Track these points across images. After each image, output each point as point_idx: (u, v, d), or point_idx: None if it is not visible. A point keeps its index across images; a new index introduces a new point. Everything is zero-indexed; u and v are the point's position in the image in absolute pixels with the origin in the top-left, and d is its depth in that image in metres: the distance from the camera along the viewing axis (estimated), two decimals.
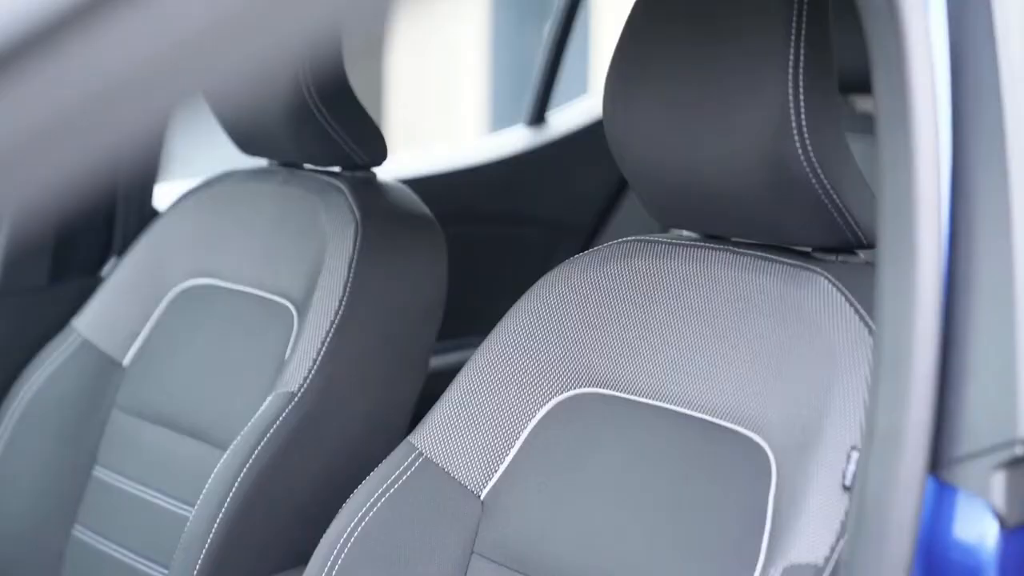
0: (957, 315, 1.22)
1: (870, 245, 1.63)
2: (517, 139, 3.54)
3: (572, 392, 1.77)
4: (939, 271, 1.19)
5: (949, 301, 1.21)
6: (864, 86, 1.91)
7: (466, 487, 1.79)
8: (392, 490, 1.79)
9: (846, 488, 1.44)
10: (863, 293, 1.57)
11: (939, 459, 1.19)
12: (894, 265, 1.20)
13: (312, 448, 2.13)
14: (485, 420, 1.80)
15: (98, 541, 2.37)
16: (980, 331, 1.21)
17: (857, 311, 1.56)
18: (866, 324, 1.54)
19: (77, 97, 0.68)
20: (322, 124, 2.26)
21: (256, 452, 2.07)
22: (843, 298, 1.57)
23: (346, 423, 2.17)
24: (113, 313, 2.50)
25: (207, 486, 2.08)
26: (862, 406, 1.49)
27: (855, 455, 1.45)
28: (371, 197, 2.31)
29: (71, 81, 0.68)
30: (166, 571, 2.15)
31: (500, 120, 7.97)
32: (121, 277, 2.52)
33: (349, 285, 2.18)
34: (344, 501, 1.82)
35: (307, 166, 2.45)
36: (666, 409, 1.69)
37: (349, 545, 1.77)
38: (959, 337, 1.21)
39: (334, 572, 1.76)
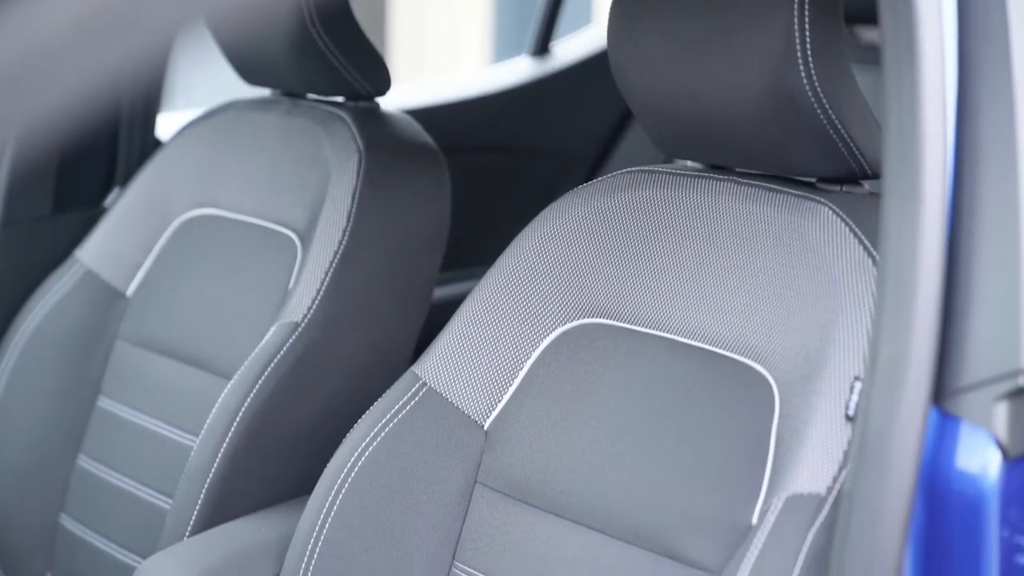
0: (961, 246, 1.21)
1: (875, 176, 1.63)
2: (521, 70, 3.52)
3: (576, 323, 1.77)
4: (944, 202, 1.19)
5: (953, 232, 1.21)
6: (869, 17, 1.90)
7: (469, 417, 1.79)
8: (396, 420, 1.80)
9: (849, 418, 1.44)
10: (867, 224, 1.57)
11: (942, 390, 1.19)
12: (899, 196, 1.19)
13: (316, 378, 2.13)
14: (488, 350, 1.81)
15: (102, 471, 2.38)
16: (984, 262, 1.21)
17: (861, 242, 1.55)
18: (870, 254, 1.54)
19: (77, 17, 0.68)
20: (325, 53, 2.25)
21: (260, 382, 2.07)
22: (847, 228, 1.57)
23: (350, 353, 2.18)
24: (116, 244, 2.50)
25: (211, 416, 2.09)
26: (865, 337, 1.49)
27: (858, 385, 1.45)
28: (374, 127, 2.31)
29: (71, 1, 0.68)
30: (170, 500, 2.16)
31: (504, 50, 7.93)
32: (124, 208, 2.52)
33: (352, 216, 2.18)
34: (347, 432, 1.83)
35: (310, 96, 2.44)
36: (669, 339, 1.69)
37: (353, 475, 1.77)
38: (963, 268, 1.21)
39: (338, 502, 1.77)
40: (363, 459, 1.78)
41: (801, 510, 1.42)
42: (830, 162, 1.61)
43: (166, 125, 2.76)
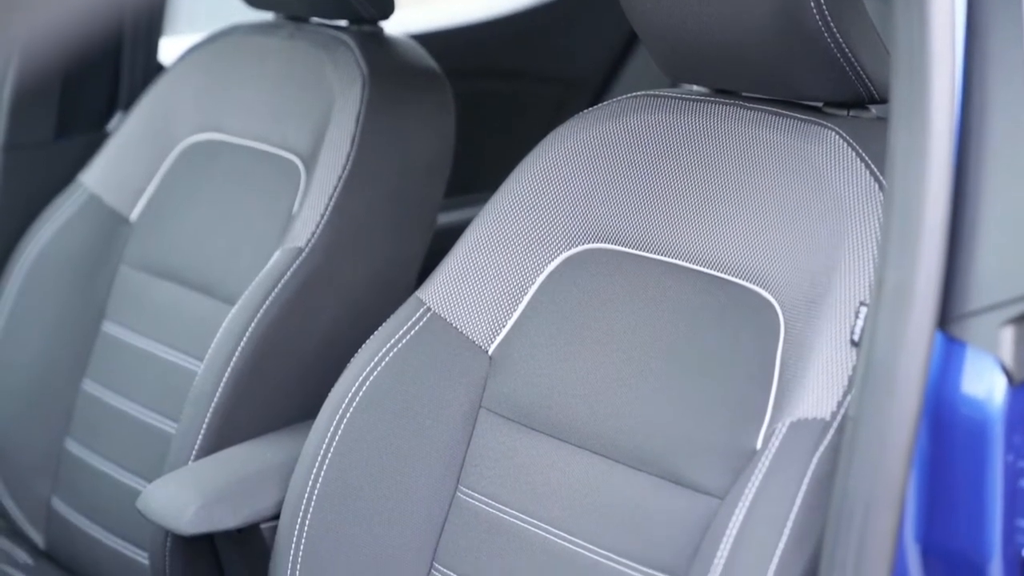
0: (969, 170, 1.21)
1: (882, 100, 1.62)
2: None
3: (580, 248, 1.77)
4: (951, 125, 1.18)
5: (961, 156, 1.20)
6: None
7: (474, 342, 1.79)
8: (400, 345, 1.79)
9: (854, 343, 1.44)
10: (874, 148, 1.56)
11: (948, 314, 1.18)
12: (906, 119, 1.19)
13: (319, 304, 2.13)
14: (493, 275, 1.80)
15: (107, 395, 2.38)
16: (991, 186, 1.21)
17: (868, 166, 1.55)
18: (876, 179, 1.53)
19: None
20: None
21: (264, 307, 2.07)
22: (854, 153, 1.57)
23: (353, 279, 2.17)
24: (120, 168, 2.50)
25: (215, 341, 2.09)
26: (871, 262, 1.48)
27: (864, 310, 1.45)
28: (378, 52, 2.29)
29: None
30: (174, 424, 2.17)
31: None
32: (127, 132, 2.51)
33: (356, 141, 2.17)
34: (351, 357, 1.83)
35: (313, 20, 2.43)
36: (674, 264, 1.68)
37: (357, 400, 1.77)
38: (970, 192, 1.20)
39: (342, 426, 1.77)
40: (367, 384, 1.78)
41: (805, 435, 1.42)
42: (837, 86, 1.60)
43: (169, 49, 2.75)
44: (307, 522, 1.75)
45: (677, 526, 1.55)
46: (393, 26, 2.42)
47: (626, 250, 1.73)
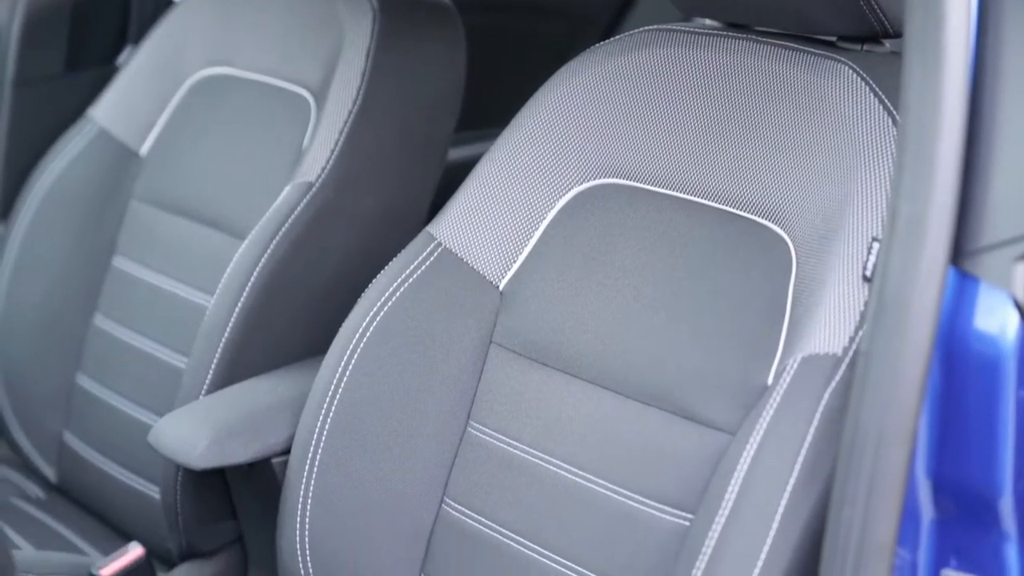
0: (983, 105, 1.20)
1: (896, 34, 1.61)
2: None
3: (592, 183, 1.76)
4: (966, 60, 1.17)
5: (975, 91, 1.20)
6: None
7: (485, 277, 1.79)
8: (411, 280, 1.79)
9: (866, 279, 1.44)
10: (888, 83, 1.55)
11: (961, 250, 1.18)
12: (920, 52, 1.18)
13: (330, 238, 2.13)
14: (504, 210, 1.80)
15: (118, 330, 2.39)
16: (1006, 121, 1.20)
17: (881, 101, 1.54)
18: (890, 114, 1.52)
19: None
20: None
21: (274, 242, 2.06)
22: (867, 87, 1.56)
23: (364, 213, 2.17)
24: (129, 102, 2.49)
25: (225, 275, 2.09)
26: (884, 197, 1.48)
27: (876, 246, 1.45)
28: None
29: None
30: (186, 359, 2.17)
31: None
32: (137, 66, 2.50)
33: (367, 75, 2.16)
34: (362, 292, 1.83)
35: None
36: (686, 200, 1.68)
37: (368, 334, 1.77)
38: (984, 127, 1.20)
39: (353, 361, 1.77)
40: (378, 319, 1.78)
41: (817, 370, 1.42)
42: (851, 20, 1.58)
43: None
44: (318, 456, 1.75)
45: (688, 461, 1.56)
46: None
47: (638, 185, 1.73)
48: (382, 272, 1.83)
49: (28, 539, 2.31)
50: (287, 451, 1.86)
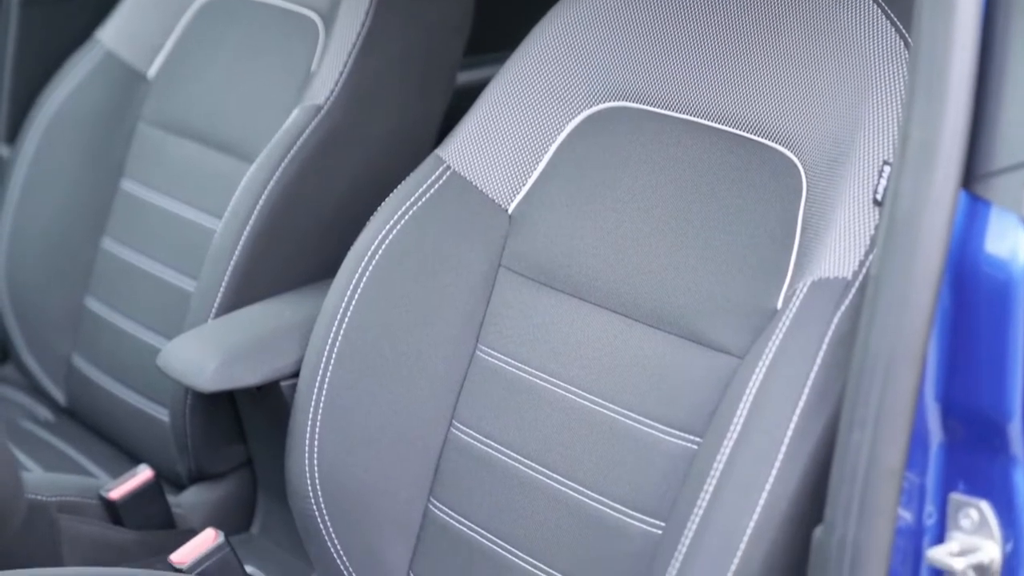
0: (996, 28, 1.19)
1: None
2: None
3: (601, 106, 1.76)
4: None
5: (988, 13, 1.18)
6: None
7: (494, 201, 1.79)
8: (420, 203, 1.79)
9: (877, 202, 1.43)
10: (900, 5, 1.54)
11: (972, 173, 1.17)
12: None
13: (338, 162, 2.12)
14: (513, 134, 1.79)
15: (126, 253, 2.39)
16: (1019, 44, 1.19)
17: (893, 24, 1.53)
18: (902, 37, 1.51)
19: None
20: None
21: (283, 165, 2.06)
22: (879, 10, 1.55)
23: (373, 137, 2.16)
24: (137, 24, 2.48)
25: (234, 199, 2.08)
26: (895, 120, 1.47)
27: (887, 170, 1.44)
28: None
29: None
30: (194, 282, 2.17)
31: None
32: None
33: None
34: (371, 215, 1.82)
35: None
36: (696, 123, 1.67)
37: (377, 258, 1.77)
38: (997, 51, 1.19)
39: (361, 284, 1.77)
40: (387, 242, 1.77)
41: (827, 294, 1.42)
42: None
43: None
44: (326, 380, 1.76)
45: (696, 385, 1.56)
46: None
47: (647, 108, 1.72)
48: (391, 195, 1.82)
49: (37, 461, 2.33)
50: (296, 374, 1.86)
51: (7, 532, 1.44)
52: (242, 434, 2.15)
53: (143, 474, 2.04)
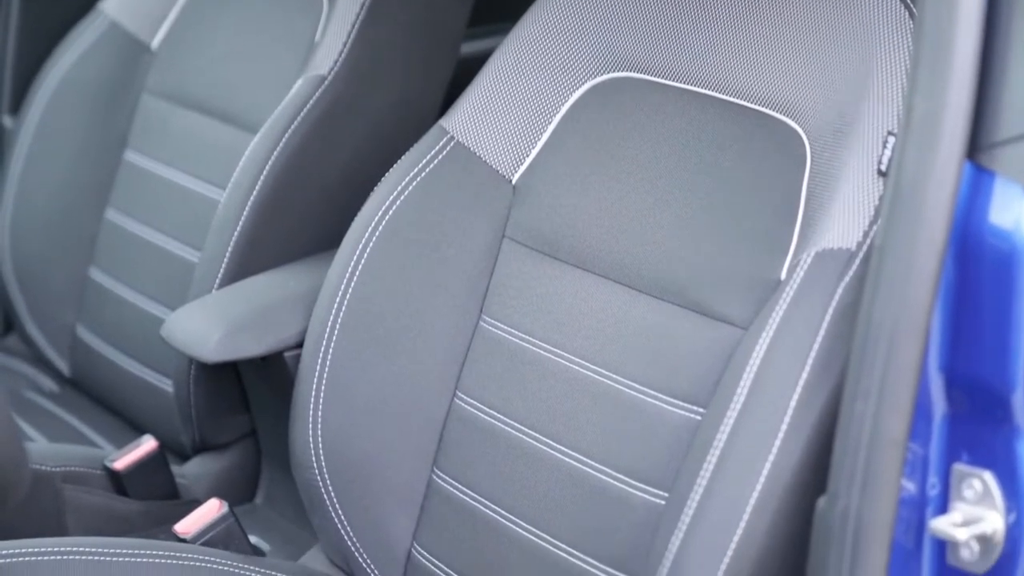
0: None
1: None
2: None
3: (605, 76, 1.75)
4: None
5: None
6: None
7: (497, 171, 1.79)
8: (423, 174, 1.79)
9: (881, 173, 1.43)
10: None
11: (977, 144, 1.17)
12: None
13: (342, 132, 2.12)
14: (517, 105, 1.79)
15: (130, 224, 2.39)
16: None
17: None
18: (907, 7, 1.51)
19: None
20: None
21: (286, 136, 2.06)
22: None
23: (377, 107, 2.16)
24: None
25: (237, 169, 2.08)
26: (900, 91, 1.47)
27: (891, 140, 1.44)
28: None
29: None
30: (198, 253, 2.17)
31: None
32: None
33: None
34: (374, 186, 1.82)
35: None
36: (700, 93, 1.67)
37: (381, 228, 1.77)
38: (1002, 20, 1.18)
39: (365, 255, 1.77)
40: (391, 212, 1.77)
41: (831, 265, 1.42)
42: None
43: None
44: (330, 350, 1.76)
45: (699, 356, 1.56)
46: None
47: (651, 79, 1.72)
48: (394, 166, 1.82)
49: (41, 431, 2.33)
50: (299, 345, 1.86)
51: (12, 502, 1.44)
52: (246, 405, 2.15)
53: (147, 444, 2.05)
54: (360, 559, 1.79)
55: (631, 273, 1.64)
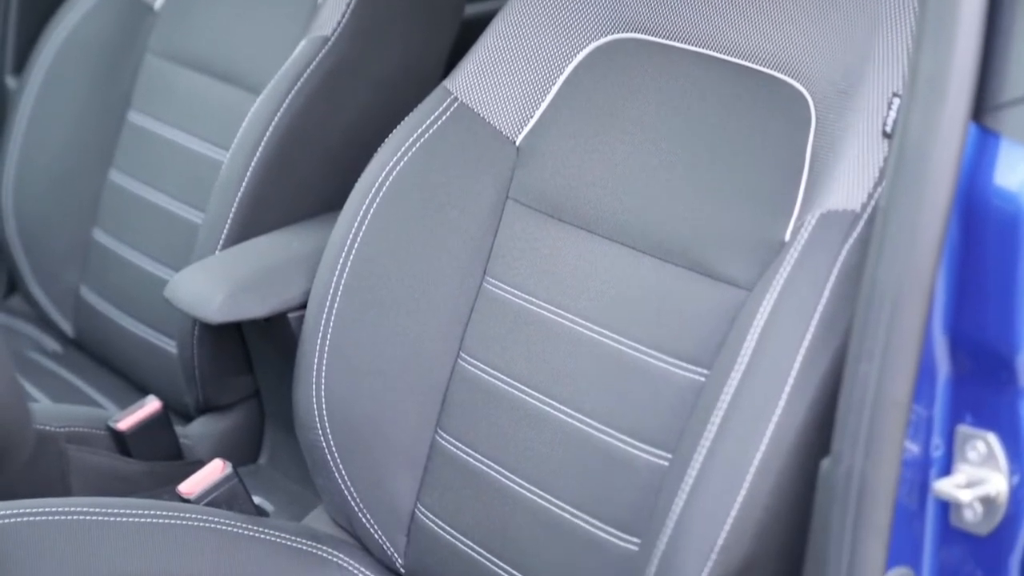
0: None
1: None
2: None
3: (609, 37, 1.75)
4: None
5: None
6: None
7: (501, 132, 1.78)
8: (427, 135, 1.79)
9: (886, 135, 1.43)
10: None
11: (983, 105, 1.17)
12: None
13: (345, 93, 2.11)
14: (521, 65, 1.79)
15: (133, 185, 2.39)
16: None
17: None
18: None
19: None
20: None
21: (290, 97, 2.05)
22: None
23: (380, 68, 2.15)
24: None
25: (241, 130, 2.08)
26: (905, 52, 1.46)
27: (897, 102, 1.44)
28: None
29: None
30: (201, 214, 2.17)
31: None
32: None
33: None
34: (378, 147, 1.82)
35: None
36: (704, 55, 1.66)
37: (384, 189, 1.77)
38: None
39: (368, 216, 1.77)
40: (394, 174, 1.77)
41: (835, 226, 1.42)
42: None
43: None
44: (334, 311, 1.76)
45: (703, 317, 1.55)
46: None
47: (656, 40, 1.71)
48: (398, 128, 1.82)
49: (45, 392, 2.33)
50: (303, 306, 1.86)
51: (16, 463, 1.44)
52: (250, 365, 2.15)
53: (151, 405, 2.05)
54: (363, 519, 1.80)
55: (635, 234, 1.64)
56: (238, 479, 1.86)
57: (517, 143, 1.78)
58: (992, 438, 1.17)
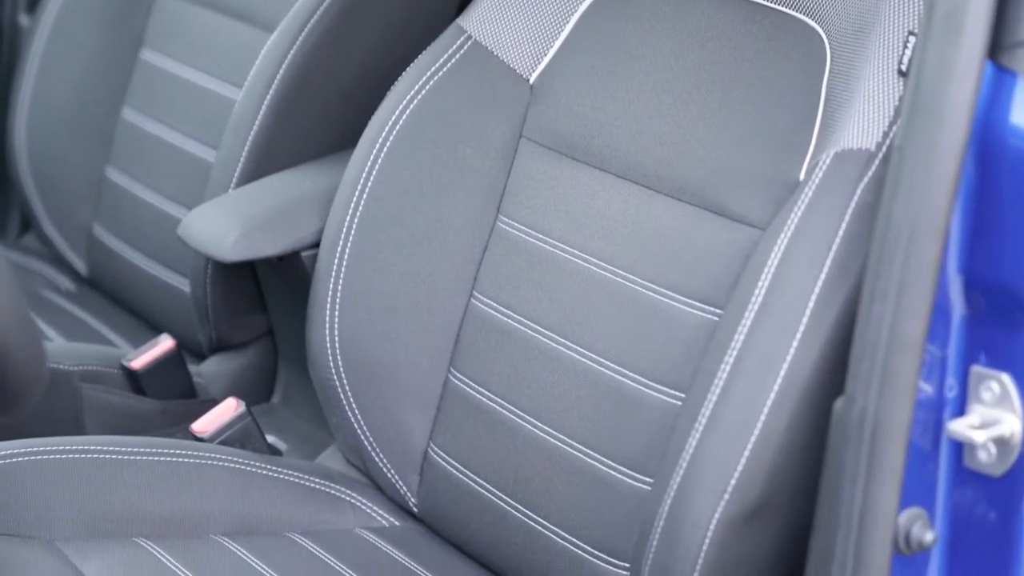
0: None
1: None
2: None
3: None
4: None
5: None
6: None
7: (515, 71, 1.77)
8: (440, 73, 1.78)
9: (902, 73, 1.42)
10: None
11: (999, 43, 1.16)
12: None
13: (359, 31, 2.10)
14: (535, 3, 1.77)
15: (147, 123, 2.38)
16: None
17: None
18: None
19: None
20: None
21: (303, 34, 2.04)
22: None
23: (394, 6, 2.14)
24: None
25: (254, 68, 2.07)
26: None
27: (912, 40, 1.43)
28: None
29: None
30: (215, 152, 2.16)
31: None
32: None
33: None
34: (391, 85, 1.81)
35: None
36: None
37: (398, 128, 1.76)
38: None
39: (382, 155, 1.76)
40: (408, 112, 1.77)
41: (850, 165, 1.41)
42: None
43: None
44: (347, 250, 1.76)
45: (717, 257, 1.55)
46: None
47: None
48: (411, 66, 1.81)
49: (59, 330, 2.34)
50: (316, 244, 1.86)
51: (30, 401, 1.44)
52: (263, 304, 2.15)
53: (164, 344, 2.06)
54: (376, 458, 1.80)
55: (649, 173, 1.63)
56: (251, 418, 1.86)
57: (531, 81, 1.77)
58: (1006, 378, 1.17)
